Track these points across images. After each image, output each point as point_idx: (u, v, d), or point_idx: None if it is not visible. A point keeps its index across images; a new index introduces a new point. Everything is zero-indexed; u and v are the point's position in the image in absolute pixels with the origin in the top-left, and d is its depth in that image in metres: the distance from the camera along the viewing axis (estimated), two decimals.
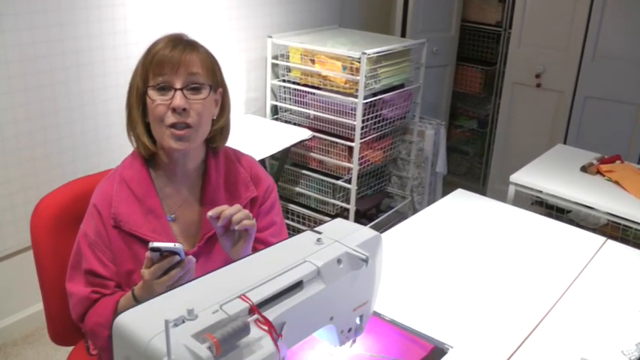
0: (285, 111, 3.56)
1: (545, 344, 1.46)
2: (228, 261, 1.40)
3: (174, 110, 1.36)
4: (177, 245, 1.23)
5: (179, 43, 1.39)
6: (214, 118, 1.47)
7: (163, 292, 1.26)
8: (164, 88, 1.37)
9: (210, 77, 1.42)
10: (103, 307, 1.39)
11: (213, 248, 1.47)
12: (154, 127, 1.40)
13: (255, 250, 1.52)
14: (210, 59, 1.44)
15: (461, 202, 2.26)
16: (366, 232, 1.26)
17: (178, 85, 1.36)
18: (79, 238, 1.44)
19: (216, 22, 3.15)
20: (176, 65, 1.36)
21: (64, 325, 1.62)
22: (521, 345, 1.45)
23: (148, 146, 1.43)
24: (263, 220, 1.56)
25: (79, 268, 1.42)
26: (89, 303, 1.40)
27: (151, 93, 1.37)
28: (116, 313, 1.37)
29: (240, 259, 1.19)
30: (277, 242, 1.50)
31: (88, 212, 1.45)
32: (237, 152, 1.60)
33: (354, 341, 1.32)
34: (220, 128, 1.50)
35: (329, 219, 1.36)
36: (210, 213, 1.31)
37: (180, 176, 1.48)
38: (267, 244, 1.52)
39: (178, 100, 1.35)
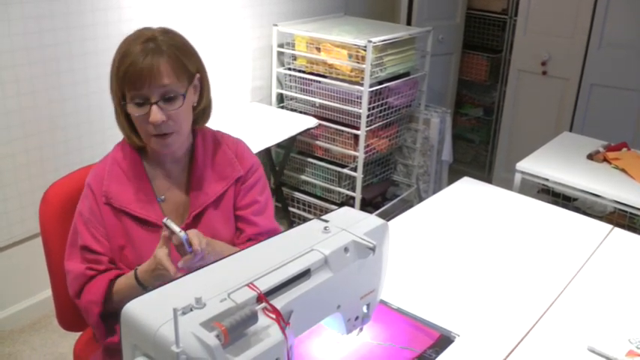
0: (291, 99, 3.55)
1: (552, 333, 1.46)
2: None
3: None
4: (182, 234, 1.30)
5: (147, 52, 1.37)
6: (194, 105, 1.50)
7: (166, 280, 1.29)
8: (140, 102, 1.39)
9: (183, 81, 1.42)
10: (96, 285, 1.44)
11: (198, 225, 1.52)
12: (139, 132, 1.46)
13: (236, 228, 1.58)
14: (178, 59, 1.40)
15: (466, 190, 2.25)
16: (372, 220, 1.26)
17: (153, 99, 1.38)
18: (76, 217, 1.50)
19: (222, 11, 3.13)
20: (147, 79, 1.36)
21: (72, 310, 1.63)
22: (527, 333, 1.46)
23: (137, 142, 1.50)
24: (244, 198, 1.59)
25: (76, 245, 1.48)
26: (85, 279, 1.46)
27: (130, 107, 1.41)
28: (110, 291, 1.44)
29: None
30: (259, 220, 1.58)
31: (83, 193, 1.51)
32: (224, 134, 1.64)
33: (360, 329, 1.32)
34: (202, 110, 1.54)
35: (335, 207, 1.36)
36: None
37: (170, 162, 1.54)
38: (248, 222, 1.58)
39: (154, 114, 1.38)
